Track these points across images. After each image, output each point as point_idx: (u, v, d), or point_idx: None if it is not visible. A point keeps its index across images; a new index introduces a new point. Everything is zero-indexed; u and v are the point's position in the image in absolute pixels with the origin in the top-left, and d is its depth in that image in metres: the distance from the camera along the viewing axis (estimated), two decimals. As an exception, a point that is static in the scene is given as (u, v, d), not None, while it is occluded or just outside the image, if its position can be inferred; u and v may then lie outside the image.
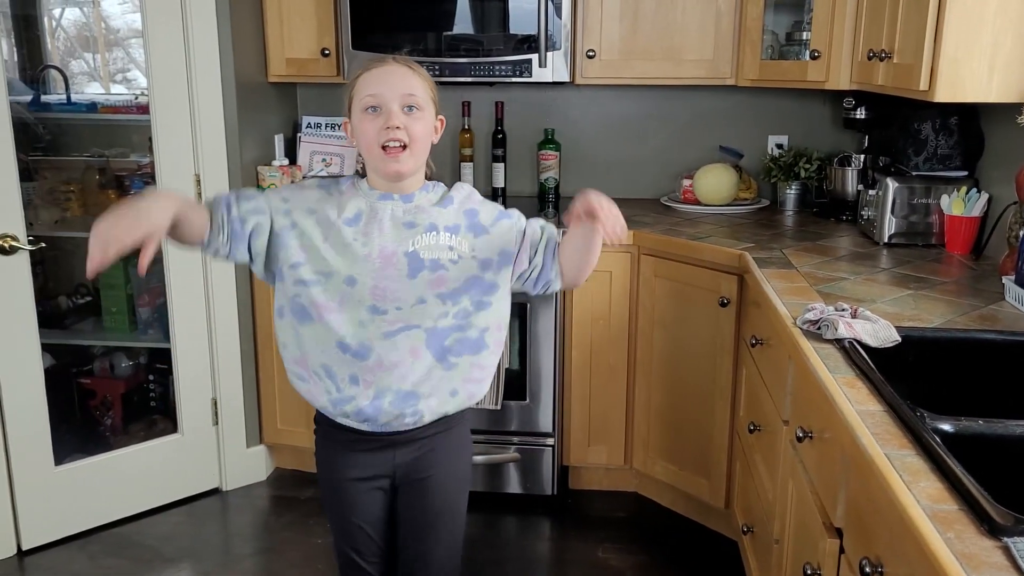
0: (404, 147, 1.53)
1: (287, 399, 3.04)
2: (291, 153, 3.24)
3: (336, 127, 3.28)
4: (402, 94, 1.53)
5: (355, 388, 1.57)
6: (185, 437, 2.93)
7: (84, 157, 3.09)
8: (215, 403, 2.96)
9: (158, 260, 2.83)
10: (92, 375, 3.15)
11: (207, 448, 2.99)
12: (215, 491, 3.04)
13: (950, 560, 0.91)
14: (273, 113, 3.19)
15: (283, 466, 3.21)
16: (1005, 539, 0.94)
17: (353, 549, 1.77)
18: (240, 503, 3.00)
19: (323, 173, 3.22)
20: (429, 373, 1.59)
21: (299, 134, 3.28)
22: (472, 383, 1.65)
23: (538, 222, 1.69)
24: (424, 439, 1.68)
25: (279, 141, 3.16)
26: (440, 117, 1.63)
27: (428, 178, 1.65)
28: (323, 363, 1.57)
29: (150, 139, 2.72)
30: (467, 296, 1.59)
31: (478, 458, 2.90)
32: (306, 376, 1.61)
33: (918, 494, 1.05)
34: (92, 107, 3.00)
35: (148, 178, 2.85)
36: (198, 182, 2.78)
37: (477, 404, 2.76)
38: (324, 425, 1.72)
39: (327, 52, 2.98)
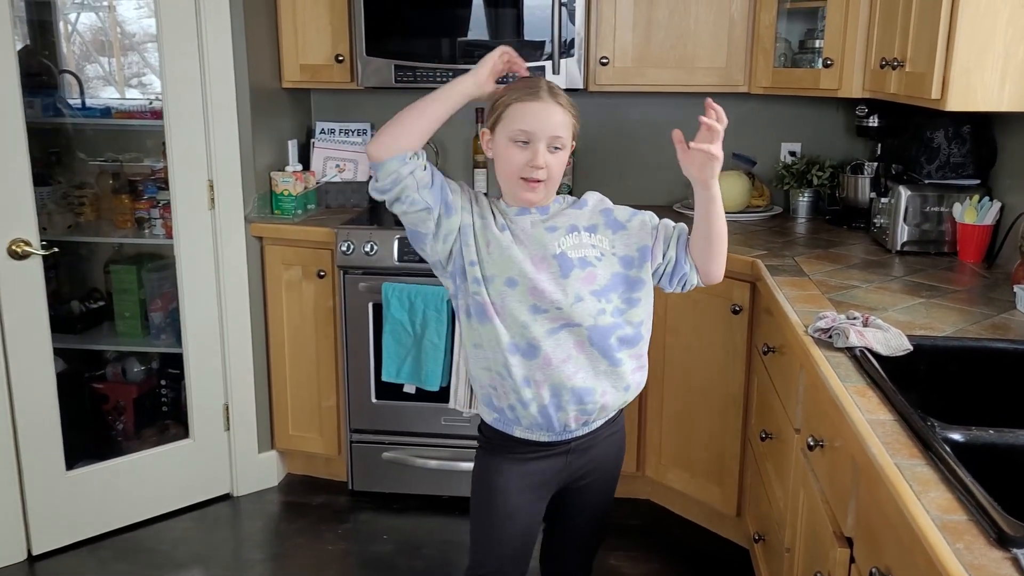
0: (541, 182, 1.60)
1: (299, 405, 3.05)
2: (304, 159, 3.26)
3: (349, 132, 3.29)
4: (551, 136, 1.59)
5: (530, 390, 1.63)
6: (197, 442, 2.94)
7: (98, 162, 3.12)
8: (227, 408, 2.98)
9: (170, 265, 2.85)
10: (104, 380, 3.17)
11: (218, 454, 3.00)
12: (226, 497, 3.05)
13: (959, 571, 0.91)
14: (287, 119, 3.21)
15: (294, 472, 3.22)
16: (1015, 550, 0.93)
17: (504, 567, 1.82)
18: (251, 509, 3.01)
19: (337, 179, 3.24)
20: (598, 370, 1.65)
21: (313, 140, 3.29)
22: (639, 372, 1.72)
23: (669, 220, 1.75)
24: (597, 441, 1.75)
25: (293, 147, 3.17)
26: (572, 143, 1.68)
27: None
28: (503, 363, 1.63)
29: (164, 144, 2.74)
30: (615, 293, 1.65)
31: (488, 464, 2.90)
32: (496, 382, 1.67)
33: (928, 504, 1.05)
34: (106, 112, 3.03)
35: (162, 183, 2.87)
36: (211, 187, 2.80)
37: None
38: (496, 440, 1.76)
39: (341, 58, 2.99)
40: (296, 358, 3.01)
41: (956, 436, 1.27)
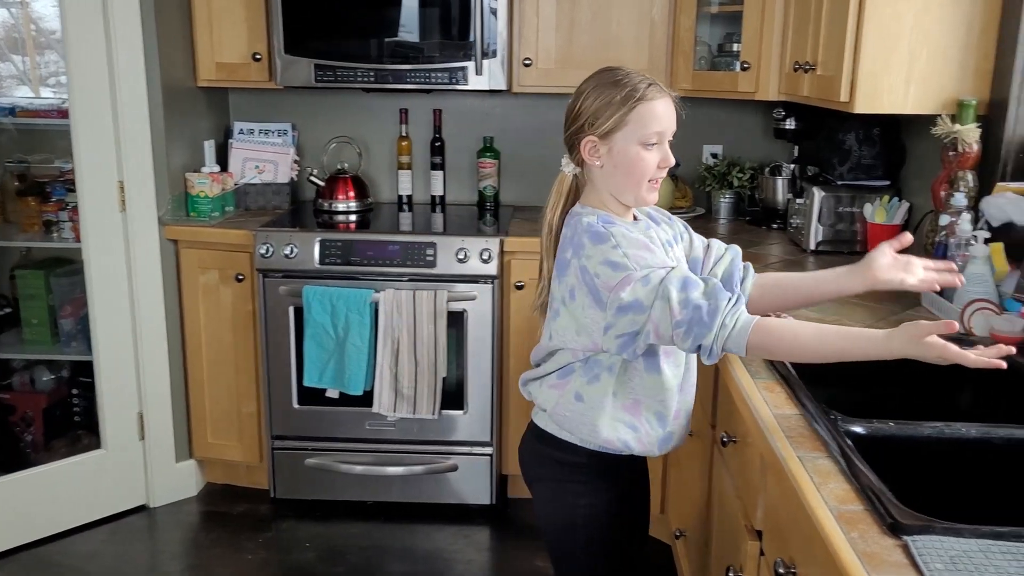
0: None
1: (217, 412, 2.98)
2: (222, 160, 3.18)
3: (269, 133, 3.23)
4: (673, 130, 1.52)
5: (676, 422, 1.58)
6: (110, 453, 2.84)
7: (3, 163, 2.99)
8: (141, 417, 2.89)
9: (80, 270, 2.75)
10: (11, 389, 3.05)
11: (133, 464, 2.90)
12: (142, 508, 2.95)
13: (852, 559, 0.92)
14: (203, 118, 3.13)
15: (214, 481, 3.14)
16: (905, 538, 0.95)
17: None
18: (168, 520, 2.92)
19: (256, 180, 3.17)
20: (693, 383, 1.63)
21: (231, 140, 3.22)
22: None
23: (724, 244, 1.71)
24: None
25: (209, 147, 3.10)
26: None
27: None
28: (656, 410, 1.56)
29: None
30: None
31: (414, 468, 2.87)
32: (638, 425, 1.58)
33: (827, 495, 1.07)
34: (11, 111, 2.91)
35: (71, 185, 2.77)
36: (121, 189, 2.71)
37: (415, 413, 2.78)
38: (603, 464, 1.59)
39: (259, 57, 2.93)
40: (214, 364, 2.94)
41: (858, 429, 1.30)
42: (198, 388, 2.97)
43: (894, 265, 1.49)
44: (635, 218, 1.59)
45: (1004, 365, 1.17)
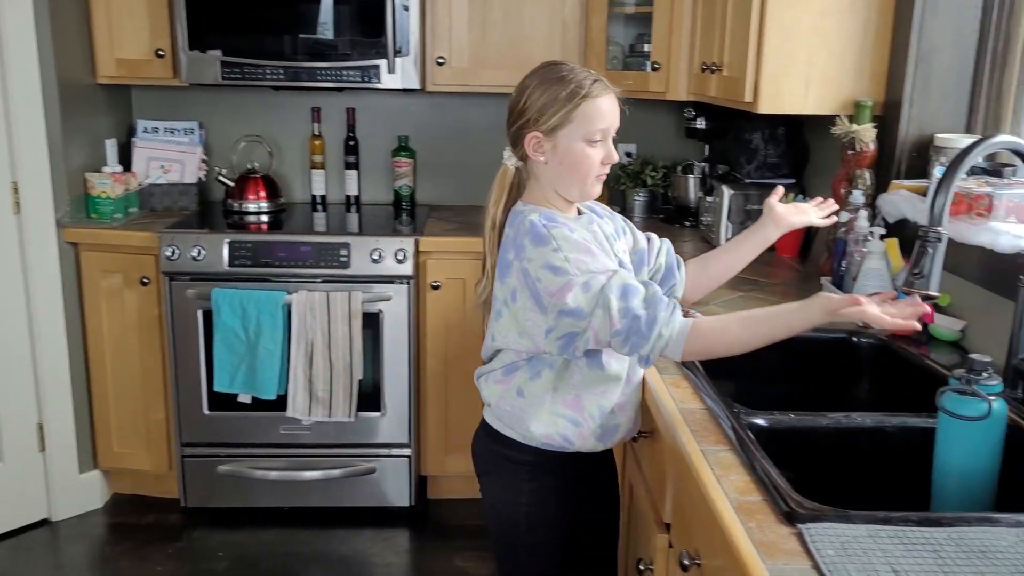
0: None
1: (124, 420, 2.88)
2: (125, 159, 3.08)
3: (175, 131, 3.14)
4: (616, 127, 1.51)
5: (621, 415, 1.56)
6: (8, 465, 2.72)
7: None
8: (41, 428, 2.77)
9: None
10: (-100, 401, 2.88)
11: (33, 476, 2.79)
12: (44, 522, 2.84)
13: (749, 548, 0.94)
14: (104, 117, 3.01)
15: (121, 491, 3.03)
16: (800, 526, 0.98)
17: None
18: (72, 533, 2.81)
19: (161, 181, 3.07)
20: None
21: (134, 139, 3.11)
22: None
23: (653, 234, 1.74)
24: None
25: (111, 146, 2.99)
26: None
27: None
28: (598, 404, 1.54)
29: (-37, 144, 2.52)
30: None
31: (330, 472, 2.83)
32: (580, 420, 1.55)
33: (727, 487, 1.09)
34: None
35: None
36: (15, 190, 2.60)
37: (331, 416, 2.73)
38: (548, 461, 1.57)
39: (162, 53, 2.84)
40: (119, 371, 2.84)
41: (760, 421, 1.33)
42: (102, 396, 2.87)
43: (789, 210, 1.67)
44: (580, 212, 1.59)
45: (919, 327, 1.23)
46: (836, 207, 1.73)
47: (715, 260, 1.71)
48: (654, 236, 1.71)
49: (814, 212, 1.71)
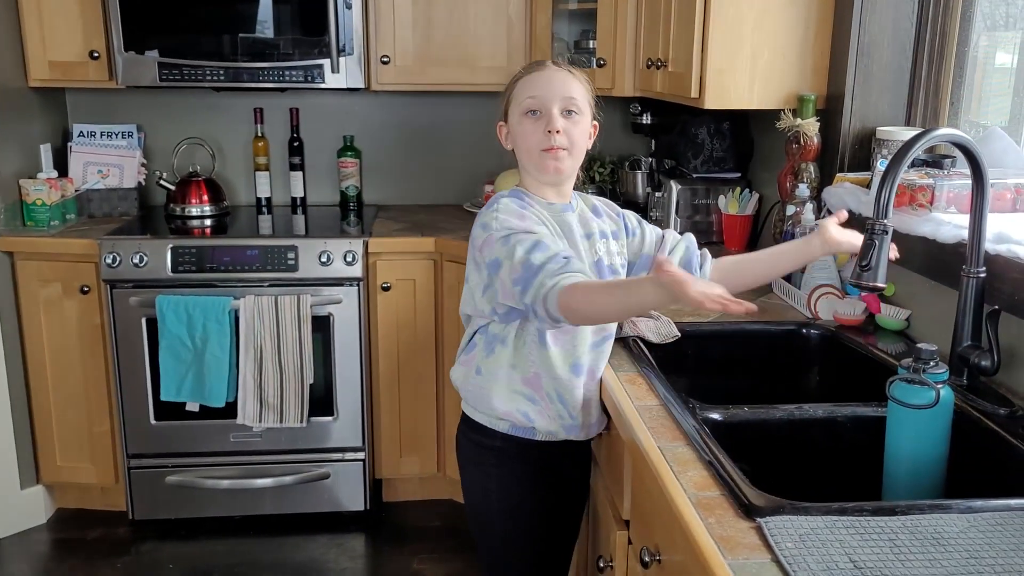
0: (563, 149, 1.50)
1: (67, 433, 2.79)
2: (61, 164, 2.99)
3: (113, 135, 3.05)
4: (563, 97, 1.49)
5: (577, 407, 1.54)
6: (-55, 483, 2.63)
7: None
8: (-21, 442, 2.68)
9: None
10: None
11: (-28, 493, 2.70)
12: (-16, 540, 2.75)
13: (709, 544, 0.94)
14: (37, 121, 2.92)
15: (66, 506, 2.95)
16: (759, 520, 0.98)
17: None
18: (15, 551, 2.72)
19: (99, 186, 2.99)
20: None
21: (70, 144, 3.02)
22: None
23: (676, 232, 1.72)
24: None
25: (46, 151, 2.90)
26: (595, 122, 1.58)
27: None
28: (555, 387, 1.53)
29: None
30: None
31: (283, 479, 2.79)
32: (538, 398, 1.54)
33: (685, 483, 1.09)
34: None
35: None
36: (-53, 198, 2.51)
37: (282, 423, 2.69)
38: (515, 447, 1.58)
39: (96, 55, 2.76)
40: (61, 382, 2.76)
41: (715, 416, 1.34)
42: (43, 409, 2.78)
43: (844, 234, 1.59)
44: (570, 200, 1.58)
45: (753, 308, 1.20)
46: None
47: (752, 265, 1.69)
48: (671, 235, 1.71)
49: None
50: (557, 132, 1.48)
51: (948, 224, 1.55)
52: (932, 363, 1.21)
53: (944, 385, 1.21)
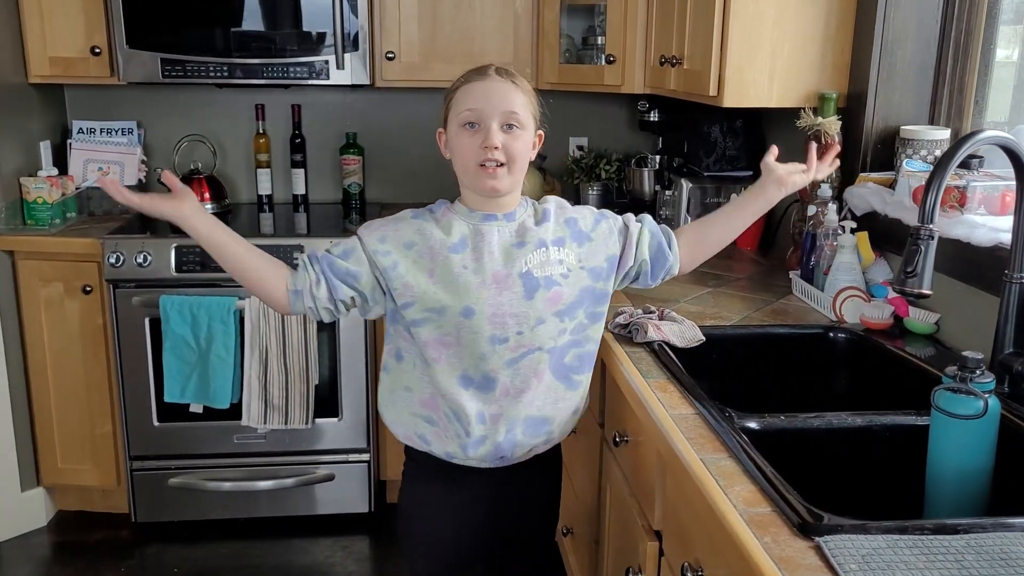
0: (502, 165, 1.43)
1: (68, 434, 2.74)
2: (61, 162, 2.93)
3: (113, 132, 3.00)
4: (503, 111, 1.43)
5: (483, 426, 1.49)
6: (-56, 487, 2.58)
7: None
8: (-20, 445, 2.63)
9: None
10: None
11: (-28, 497, 2.65)
12: (-15, 544, 2.70)
13: (769, 565, 0.91)
14: (37, 118, 2.86)
15: (67, 508, 2.90)
16: (817, 539, 0.95)
17: None
18: (16, 554, 2.67)
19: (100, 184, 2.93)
20: (555, 395, 1.53)
21: (70, 141, 2.96)
22: (586, 398, 1.62)
23: (634, 217, 1.64)
24: (536, 468, 1.61)
25: (46, 149, 2.84)
26: (540, 132, 1.53)
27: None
28: (450, 406, 1.48)
29: None
30: (581, 309, 1.52)
31: (287, 481, 2.75)
32: (436, 419, 1.51)
33: (734, 498, 1.06)
34: None
35: None
36: (-54, 197, 2.45)
37: (287, 424, 2.65)
38: (428, 464, 1.57)
39: (98, 51, 2.70)
40: (62, 383, 2.70)
41: (752, 424, 1.31)
42: (44, 410, 2.73)
43: (790, 168, 1.62)
44: (513, 210, 1.53)
45: None
46: (837, 148, 1.68)
47: (712, 227, 1.68)
48: (631, 224, 1.62)
49: (815, 167, 1.66)
50: (495, 148, 1.42)
51: (983, 227, 1.52)
52: (978, 372, 1.18)
53: (991, 395, 1.18)
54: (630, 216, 1.65)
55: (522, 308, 1.46)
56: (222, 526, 2.80)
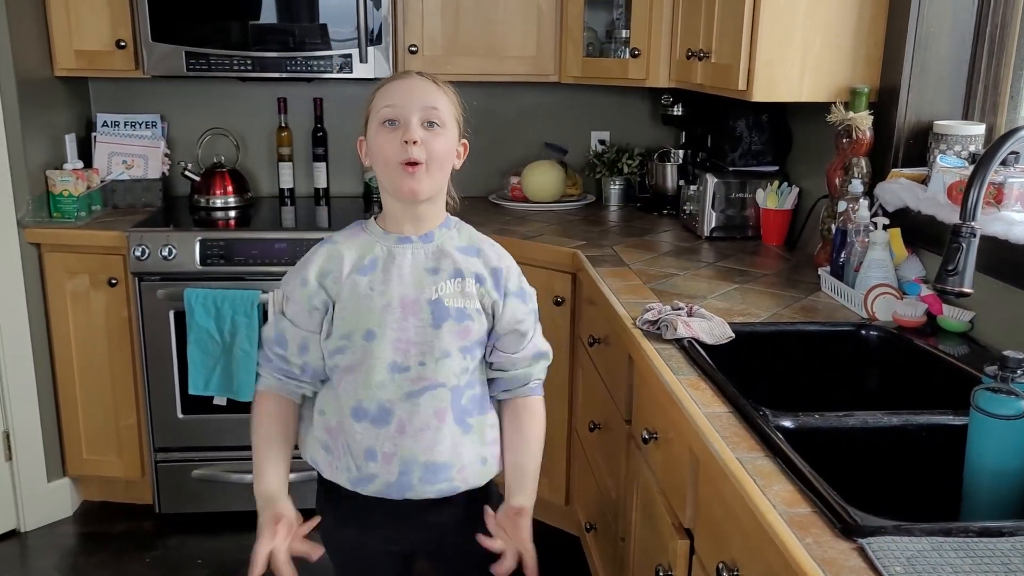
0: (417, 164, 1.37)
1: (93, 426, 2.76)
2: (86, 154, 2.94)
3: (137, 125, 3.00)
4: (423, 107, 1.38)
5: (374, 464, 1.41)
6: (-28, 477, 2.60)
7: None
8: (7, 436, 2.64)
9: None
10: None
11: (0, 486, 2.66)
12: (12, 533, 2.72)
13: (812, 567, 0.90)
14: (62, 111, 2.87)
15: (91, 499, 2.92)
16: (860, 540, 0.94)
17: None
18: (42, 544, 2.69)
19: (124, 176, 2.94)
20: (456, 439, 1.43)
21: (94, 133, 2.97)
22: (493, 445, 1.50)
23: (537, 349, 1.52)
24: (456, 505, 1.48)
25: (71, 141, 2.85)
26: (464, 141, 1.48)
27: (451, 212, 1.52)
28: (345, 438, 1.42)
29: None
30: (480, 350, 1.46)
31: (311, 472, 2.75)
32: (332, 448, 1.46)
33: (773, 498, 1.05)
34: None
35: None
36: (-26, 190, 2.47)
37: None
38: (334, 491, 1.50)
39: (123, 44, 2.71)
40: (87, 375, 2.72)
41: (787, 423, 1.30)
42: (70, 402, 2.74)
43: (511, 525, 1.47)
44: (431, 231, 1.46)
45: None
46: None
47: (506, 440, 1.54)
48: (523, 350, 1.50)
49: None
50: (414, 143, 1.36)
51: (1021, 224, 1.50)
52: (1019, 371, 1.17)
53: (1032, 395, 1.16)
54: (536, 346, 1.51)
55: (427, 337, 1.39)
56: (244, 518, 2.80)
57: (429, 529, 1.50)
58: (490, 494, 1.54)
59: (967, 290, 1.23)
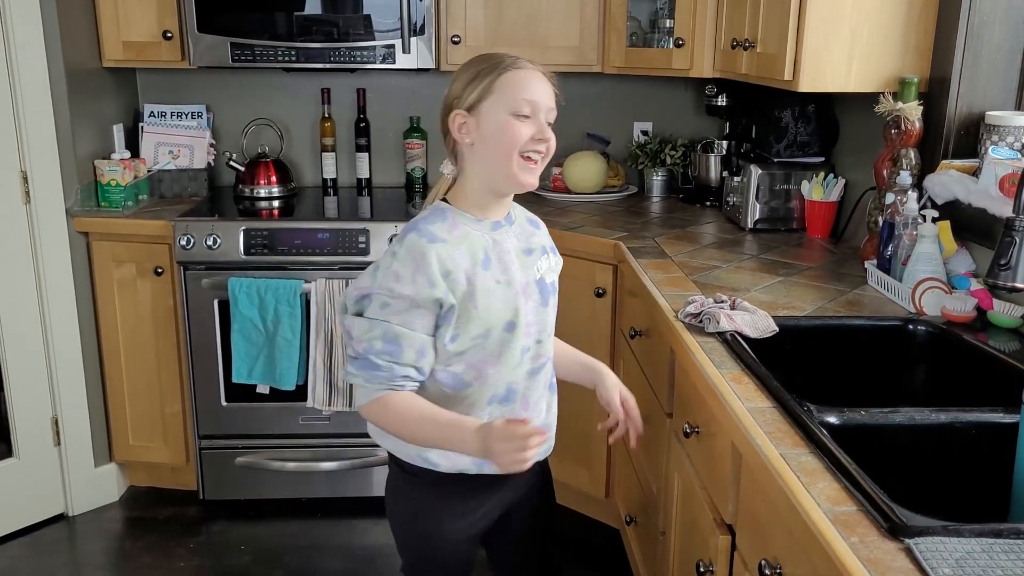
0: (541, 161, 1.43)
1: (139, 413, 2.81)
2: (133, 145, 2.99)
3: (183, 115, 3.05)
4: (549, 108, 1.42)
5: None
6: (23, 460, 2.66)
7: None
8: (56, 422, 2.71)
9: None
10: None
11: (49, 471, 2.73)
12: (61, 517, 2.79)
13: (858, 567, 0.89)
14: (110, 101, 2.92)
15: (137, 484, 2.98)
16: (907, 540, 0.92)
17: None
18: (89, 528, 2.76)
19: (170, 166, 2.99)
20: (550, 403, 1.57)
21: (141, 124, 3.02)
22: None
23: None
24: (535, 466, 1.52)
25: (118, 132, 2.90)
26: None
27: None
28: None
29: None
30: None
31: (350, 462, 2.78)
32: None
33: (818, 496, 1.03)
34: None
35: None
36: (25, 179, 2.52)
37: (351, 407, 2.67)
38: (427, 477, 1.50)
39: (170, 35, 2.75)
40: (134, 363, 2.77)
41: (832, 419, 1.28)
42: (117, 389, 2.80)
43: (615, 398, 1.62)
44: (509, 211, 1.50)
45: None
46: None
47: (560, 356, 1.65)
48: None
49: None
50: (546, 140, 1.41)
51: (1077, 218, 1.45)
52: (1075, 370, 1.14)
53: (1088, 394, 1.13)
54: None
55: (542, 316, 1.48)
56: (286, 505, 2.85)
57: (518, 489, 1.59)
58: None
59: (1020, 285, 1.19)
